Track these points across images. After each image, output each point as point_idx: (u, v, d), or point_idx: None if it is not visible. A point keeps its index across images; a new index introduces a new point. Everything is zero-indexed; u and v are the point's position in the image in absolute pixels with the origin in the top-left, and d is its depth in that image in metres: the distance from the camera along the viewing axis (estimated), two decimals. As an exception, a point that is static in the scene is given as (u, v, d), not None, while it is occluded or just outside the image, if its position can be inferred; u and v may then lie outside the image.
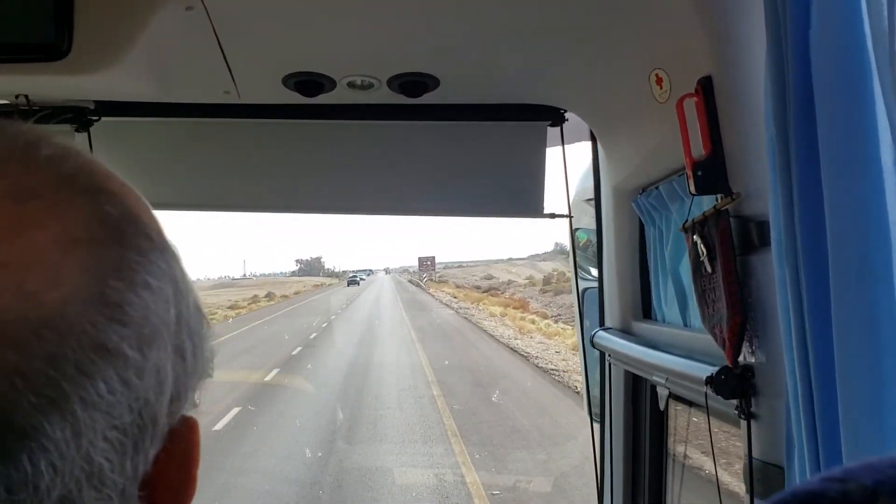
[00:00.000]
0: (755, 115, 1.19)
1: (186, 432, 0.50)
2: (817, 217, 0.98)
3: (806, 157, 1.00)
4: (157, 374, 0.44)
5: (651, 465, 2.12)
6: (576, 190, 2.64)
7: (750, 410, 1.37)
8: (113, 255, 0.43)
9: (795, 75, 1.00)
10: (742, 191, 1.35)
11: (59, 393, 0.38)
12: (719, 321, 1.40)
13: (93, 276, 0.41)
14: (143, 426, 0.43)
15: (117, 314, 0.41)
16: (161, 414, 0.45)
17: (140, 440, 0.43)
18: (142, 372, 0.42)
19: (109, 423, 0.40)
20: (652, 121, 1.67)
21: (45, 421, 0.37)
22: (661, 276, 1.89)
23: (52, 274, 0.40)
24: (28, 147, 0.45)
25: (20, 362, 0.37)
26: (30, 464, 0.37)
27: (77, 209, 0.43)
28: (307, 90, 1.81)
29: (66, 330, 0.39)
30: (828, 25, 0.94)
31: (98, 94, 1.91)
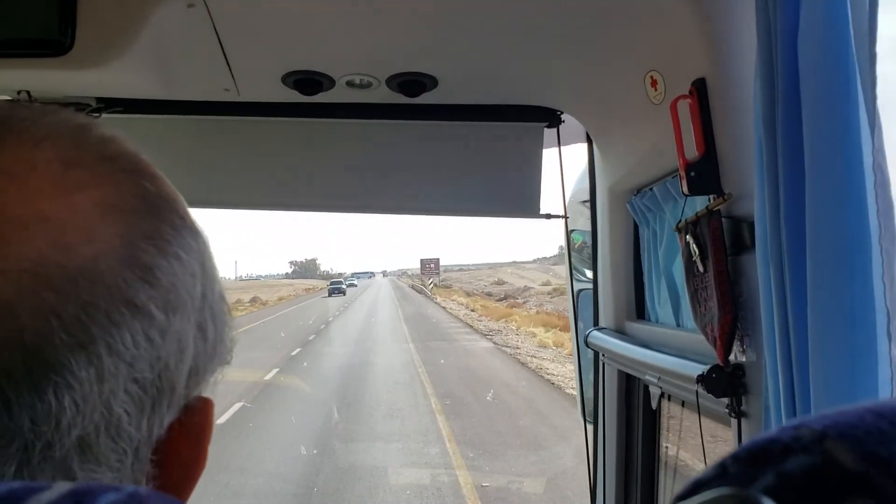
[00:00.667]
0: (748, 117, 1.21)
1: (202, 409, 0.52)
2: (802, 218, 1.00)
3: (792, 158, 1.02)
4: (179, 342, 0.47)
5: (643, 464, 2.14)
6: (572, 192, 2.67)
7: (740, 409, 1.39)
8: (147, 224, 0.46)
9: (784, 78, 1.02)
10: (734, 191, 1.37)
11: (88, 336, 0.41)
12: (711, 320, 1.41)
13: (127, 238, 0.44)
14: (162, 389, 0.46)
15: (147, 276, 0.44)
16: (179, 383, 0.48)
17: (158, 401, 0.46)
18: (165, 334, 0.45)
19: (131, 374, 0.43)
20: (646, 122, 1.69)
21: (72, 359, 0.40)
22: (655, 277, 1.91)
23: (88, 231, 0.43)
24: (79, 128, 0.49)
25: (56, 303, 0.40)
26: (54, 398, 0.39)
27: (117, 182, 0.47)
28: (306, 89, 1.83)
29: (100, 281, 0.42)
30: (815, 29, 0.96)
31: (100, 91, 1.93)
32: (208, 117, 2.07)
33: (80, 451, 0.41)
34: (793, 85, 1.02)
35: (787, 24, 1.01)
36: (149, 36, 1.54)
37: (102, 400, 0.41)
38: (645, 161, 1.80)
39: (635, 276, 2.06)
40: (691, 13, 1.36)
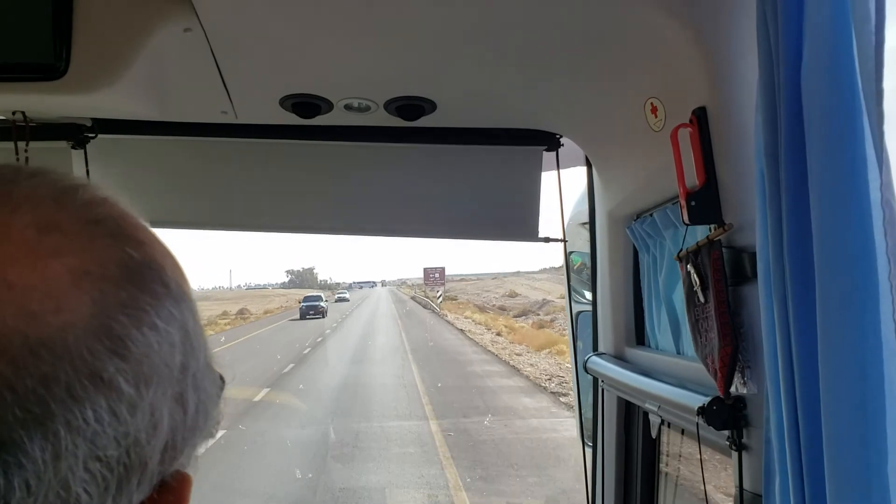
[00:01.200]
0: (749, 146, 1.20)
1: (178, 486, 0.50)
2: (806, 250, 0.99)
3: (796, 191, 1.00)
4: (152, 416, 0.44)
5: (643, 491, 2.11)
6: (571, 212, 2.65)
7: (741, 442, 1.37)
8: (124, 293, 0.45)
9: (787, 109, 1.01)
10: (734, 222, 1.35)
11: (45, 411, 0.39)
12: (711, 351, 1.39)
13: (100, 308, 0.43)
14: (130, 466, 0.43)
15: (118, 347, 0.42)
16: (152, 459, 0.45)
17: (125, 480, 0.43)
18: (134, 409, 0.43)
19: (93, 452, 0.41)
20: (646, 148, 1.67)
21: (25, 437, 0.38)
22: (655, 303, 1.89)
23: (58, 299, 0.41)
24: (66, 189, 0.48)
25: (12, 377, 0.38)
26: (3, 477, 0.37)
27: (99, 248, 0.45)
28: (304, 111, 1.82)
29: (63, 353, 0.40)
30: (818, 62, 0.95)
31: (95, 112, 1.91)
32: (205, 139, 2.06)
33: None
34: (796, 116, 1.00)
35: (790, 56, 1.00)
36: (145, 59, 1.52)
37: (59, 479, 0.39)
38: (645, 186, 1.78)
39: (635, 302, 2.04)
40: (692, 42, 1.34)
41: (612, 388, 2.09)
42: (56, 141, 1.95)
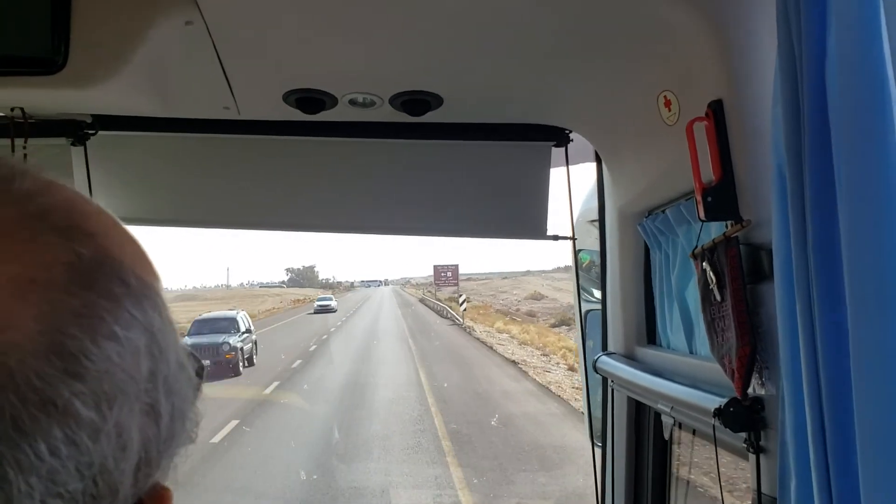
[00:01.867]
0: (767, 140, 1.16)
1: (157, 501, 0.45)
2: (831, 247, 0.95)
3: (820, 185, 0.97)
4: (119, 437, 0.39)
5: (653, 492, 2.07)
6: (580, 210, 2.61)
7: (759, 444, 1.33)
8: (76, 300, 0.39)
9: (811, 103, 0.97)
10: (752, 218, 1.32)
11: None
12: (728, 351, 1.35)
13: (48, 322, 0.37)
14: (99, 496, 0.38)
15: (72, 366, 0.37)
16: (123, 483, 0.40)
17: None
18: (97, 434, 0.38)
19: (51, 490, 0.36)
20: (659, 143, 1.63)
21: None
22: (667, 302, 1.85)
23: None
24: (2, 181, 0.42)
25: None
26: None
27: (42, 248, 0.40)
28: (308, 107, 1.78)
29: (6, 382, 0.34)
30: (845, 53, 0.91)
31: (95, 108, 1.88)
32: (207, 135, 2.02)
33: None
34: (820, 110, 0.96)
35: (813, 46, 0.96)
36: (145, 54, 1.49)
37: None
38: (657, 182, 1.74)
39: (646, 301, 2.00)
40: (708, 33, 1.30)
41: (623, 389, 2.05)
42: (55, 138, 1.92)
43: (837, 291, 0.94)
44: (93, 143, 1.97)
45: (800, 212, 1.01)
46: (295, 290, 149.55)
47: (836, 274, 0.95)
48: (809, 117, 0.98)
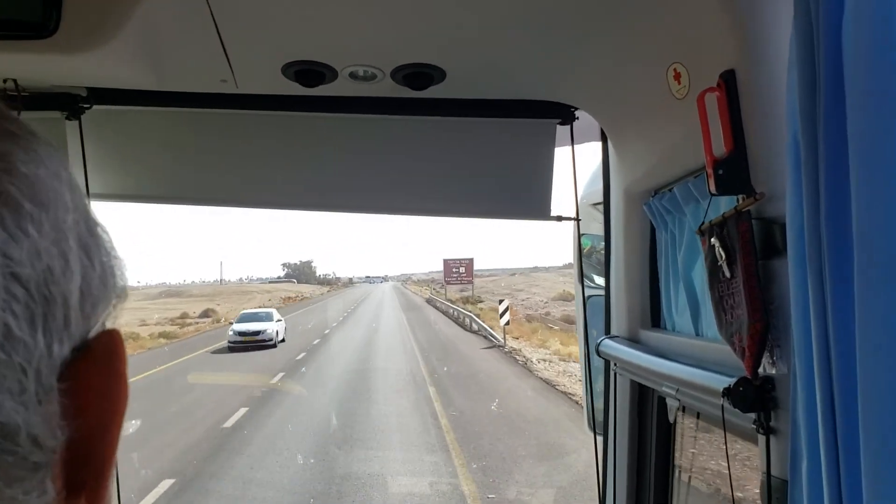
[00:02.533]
0: (781, 110, 1.12)
1: (108, 339, 0.46)
2: (846, 220, 0.92)
3: (836, 156, 0.93)
4: (59, 247, 0.40)
5: (656, 479, 2.04)
6: (582, 194, 2.57)
7: (769, 425, 1.29)
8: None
9: (827, 70, 0.94)
10: (765, 191, 1.28)
11: None
12: (738, 329, 1.32)
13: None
14: (51, 298, 0.39)
15: (6, 165, 0.39)
16: (71, 298, 0.41)
17: (49, 314, 0.39)
18: (40, 228, 0.39)
19: (7, 267, 0.36)
20: (668, 118, 1.60)
21: None
22: (673, 283, 1.81)
23: None
24: None
25: None
26: None
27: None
28: (307, 80, 1.74)
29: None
30: (864, 10, 0.87)
31: (90, 80, 1.84)
32: (205, 110, 1.98)
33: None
34: (836, 77, 0.93)
35: (831, 12, 0.92)
36: (140, 20, 1.44)
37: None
38: (664, 160, 1.70)
39: (651, 282, 1.96)
40: (719, 0, 1.26)
41: (626, 372, 2.01)
42: (49, 111, 1.88)
43: (849, 266, 0.91)
44: (88, 117, 1.93)
45: (813, 183, 0.97)
46: (287, 287, 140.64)
47: (848, 248, 0.91)
48: (825, 80, 0.94)
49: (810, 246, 0.98)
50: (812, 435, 1.04)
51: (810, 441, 1.05)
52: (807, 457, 1.06)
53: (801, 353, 1.05)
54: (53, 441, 0.39)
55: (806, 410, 1.05)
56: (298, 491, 10.19)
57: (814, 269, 0.98)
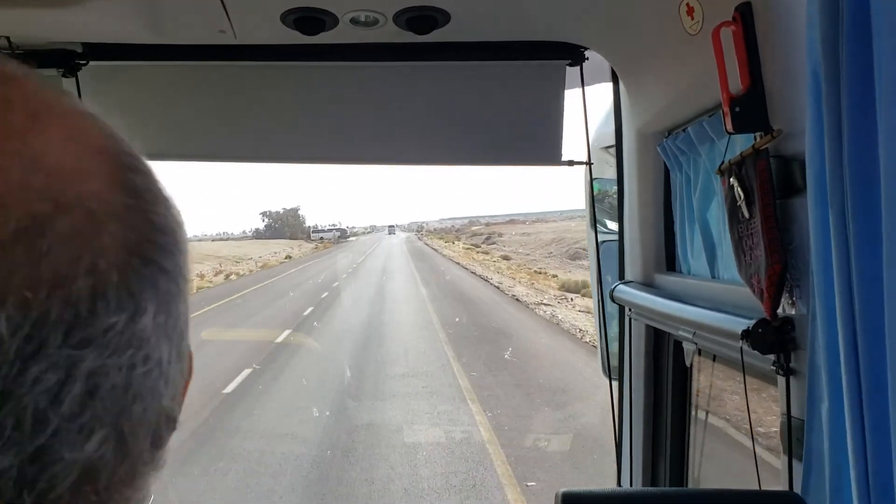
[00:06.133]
0: (799, 44, 1.07)
1: (191, 358, 0.49)
2: (871, 156, 0.88)
3: (860, 89, 0.89)
4: (178, 326, 0.44)
5: (673, 422, 2.04)
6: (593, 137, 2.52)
7: (789, 366, 1.27)
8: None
9: None
10: (783, 128, 1.24)
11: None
12: (757, 270, 1.29)
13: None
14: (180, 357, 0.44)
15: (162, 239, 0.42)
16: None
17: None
18: (178, 295, 0.43)
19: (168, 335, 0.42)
20: (681, 56, 1.54)
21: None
22: (688, 226, 1.78)
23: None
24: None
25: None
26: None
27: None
28: (307, 27, 1.68)
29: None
30: None
31: (85, 35, 1.79)
32: (204, 63, 1.93)
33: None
34: (860, 7, 0.88)
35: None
36: None
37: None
38: (678, 99, 1.65)
39: (665, 226, 1.92)
40: None
41: (641, 317, 1.99)
42: (45, 69, 1.83)
43: (875, 203, 0.88)
44: (85, 74, 1.88)
45: (836, 118, 0.94)
46: (263, 245, 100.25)
47: (874, 184, 0.88)
48: (848, 11, 0.90)
49: (832, 183, 0.95)
50: (833, 375, 1.02)
51: (831, 381, 1.03)
52: (828, 397, 1.04)
53: (821, 294, 1.02)
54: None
55: (827, 351, 1.03)
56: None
57: (836, 207, 0.95)
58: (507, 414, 10.67)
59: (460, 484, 8.24)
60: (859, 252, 0.91)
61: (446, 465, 8.52)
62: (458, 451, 9.03)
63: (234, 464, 8.66)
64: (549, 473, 8.37)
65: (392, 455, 8.90)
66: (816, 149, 1.00)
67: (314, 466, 8.64)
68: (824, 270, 1.01)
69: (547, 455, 8.89)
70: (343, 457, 8.84)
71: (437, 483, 8.25)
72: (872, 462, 0.89)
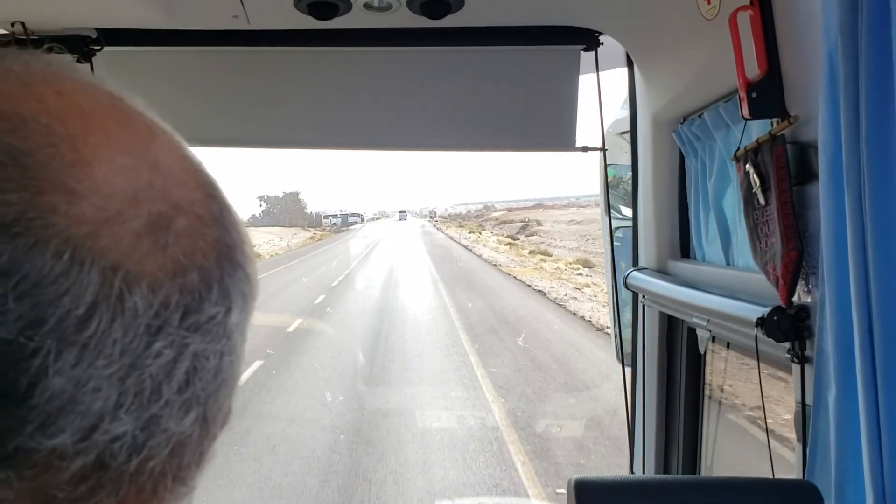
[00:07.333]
0: (817, 29, 1.06)
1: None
2: (887, 142, 0.88)
3: (878, 76, 0.89)
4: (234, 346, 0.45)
5: (686, 410, 2.03)
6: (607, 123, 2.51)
7: (804, 354, 1.27)
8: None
9: None
10: (800, 114, 1.23)
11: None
12: (773, 258, 1.28)
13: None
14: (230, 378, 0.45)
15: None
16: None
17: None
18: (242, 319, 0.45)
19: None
20: (697, 41, 1.53)
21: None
22: (703, 212, 1.77)
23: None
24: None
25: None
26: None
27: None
28: (321, 12, 1.67)
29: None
30: None
31: (100, 21, 1.79)
32: (217, 49, 1.93)
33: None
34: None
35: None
36: None
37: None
38: (694, 85, 1.64)
39: (680, 212, 1.91)
40: None
41: (655, 304, 1.98)
42: (59, 55, 1.84)
43: (891, 190, 0.87)
44: (99, 60, 1.89)
45: (853, 104, 0.93)
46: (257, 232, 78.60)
47: (890, 170, 0.87)
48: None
49: (848, 170, 0.94)
50: (845, 362, 1.01)
51: (843, 368, 1.02)
52: (837, 385, 1.04)
53: (833, 281, 1.02)
54: None
55: (839, 338, 1.02)
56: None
57: (852, 194, 0.94)
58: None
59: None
60: (875, 239, 0.90)
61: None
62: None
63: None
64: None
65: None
66: (832, 135, 0.99)
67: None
68: (837, 257, 1.00)
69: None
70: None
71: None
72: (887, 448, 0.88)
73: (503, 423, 9.03)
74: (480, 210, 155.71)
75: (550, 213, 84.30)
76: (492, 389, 10.72)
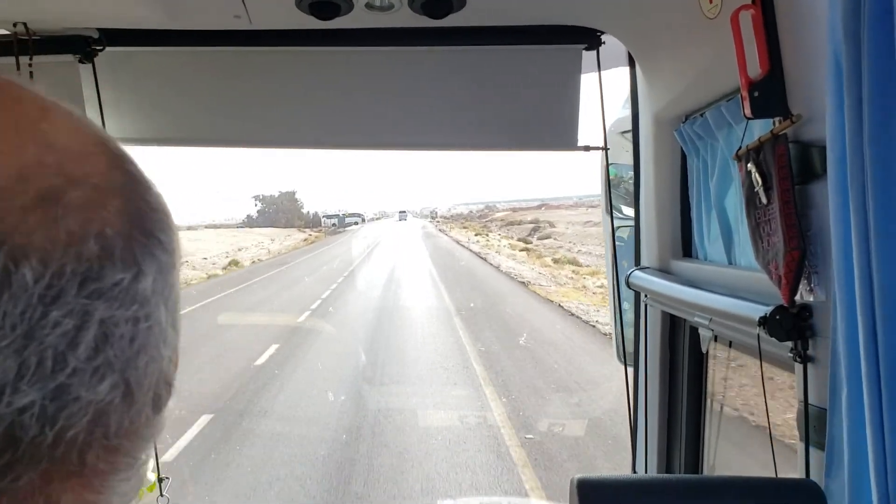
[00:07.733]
0: (820, 27, 1.06)
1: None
2: (892, 141, 0.88)
3: (882, 74, 0.88)
4: (170, 302, 0.46)
5: (688, 409, 2.03)
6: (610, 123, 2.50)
7: (806, 353, 1.27)
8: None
9: None
10: (803, 113, 1.23)
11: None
12: (775, 257, 1.28)
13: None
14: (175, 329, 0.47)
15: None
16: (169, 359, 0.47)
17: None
18: (171, 269, 0.46)
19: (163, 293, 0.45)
20: (699, 40, 1.53)
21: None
22: (705, 211, 1.77)
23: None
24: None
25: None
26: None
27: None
28: (322, 12, 1.67)
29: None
30: None
31: (102, 21, 1.80)
32: (219, 49, 1.93)
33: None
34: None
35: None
36: None
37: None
38: (696, 84, 1.64)
39: (682, 211, 1.91)
40: None
41: (657, 303, 1.98)
42: (61, 55, 1.84)
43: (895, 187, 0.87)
44: (101, 60, 1.89)
45: (857, 103, 0.93)
46: (229, 238, 65.92)
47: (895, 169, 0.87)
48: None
49: (853, 169, 0.94)
50: (853, 363, 1.01)
51: (851, 369, 1.02)
52: (848, 385, 1.04)
53: (841, 280, 1.01)
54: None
55: (847, 338, 1.02)
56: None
57: (856, 193, 0.94)
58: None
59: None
60: (880, 238, 0.90)
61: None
62: None
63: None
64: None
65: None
66: (837, 134, 0.99)
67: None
68: (844, 257, 1.00)
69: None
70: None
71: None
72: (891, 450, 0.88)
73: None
74: (482, 210, 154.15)
75: (559, 214, 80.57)
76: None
